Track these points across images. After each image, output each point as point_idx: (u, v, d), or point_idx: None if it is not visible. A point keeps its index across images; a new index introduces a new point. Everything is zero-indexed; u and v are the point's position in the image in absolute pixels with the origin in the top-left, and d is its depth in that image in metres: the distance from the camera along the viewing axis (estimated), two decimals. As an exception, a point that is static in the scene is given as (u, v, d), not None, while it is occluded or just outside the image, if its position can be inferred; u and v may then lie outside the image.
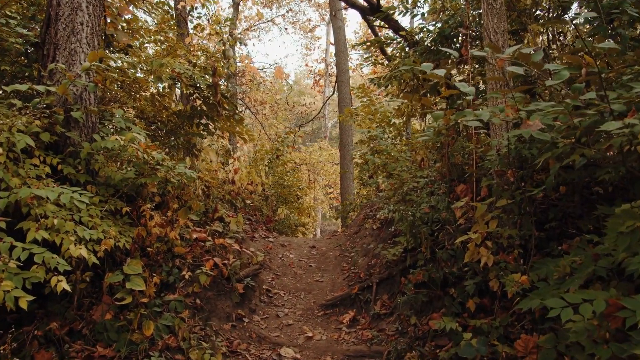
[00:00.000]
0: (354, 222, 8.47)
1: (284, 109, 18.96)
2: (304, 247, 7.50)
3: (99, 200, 4.80)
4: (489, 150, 4.76)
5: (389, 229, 6.42)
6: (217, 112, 6.54)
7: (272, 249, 7.19)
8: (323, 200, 21.75)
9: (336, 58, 15.43)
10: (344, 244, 7.38)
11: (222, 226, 5.92)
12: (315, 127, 31.38)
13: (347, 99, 14.71)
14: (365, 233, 7.16)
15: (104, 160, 5.01)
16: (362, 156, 10.47)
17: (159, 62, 6.14)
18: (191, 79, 6.38)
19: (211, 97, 6.57)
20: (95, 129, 5.44)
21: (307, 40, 26.80)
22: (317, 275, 6.41)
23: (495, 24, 5.11)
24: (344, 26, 15.48)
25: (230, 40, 7.09)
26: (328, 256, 7.02)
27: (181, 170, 4.99)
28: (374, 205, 8.63)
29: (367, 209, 8.78)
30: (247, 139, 7.26)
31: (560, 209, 4.32)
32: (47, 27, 5.49)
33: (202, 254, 5.24)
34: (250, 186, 9.59)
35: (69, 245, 3.99)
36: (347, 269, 6.41)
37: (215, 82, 6.28)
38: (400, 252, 5.22)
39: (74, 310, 4.51)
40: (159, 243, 4.87)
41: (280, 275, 6.36)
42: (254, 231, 7.74)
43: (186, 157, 7.35)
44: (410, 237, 5.01)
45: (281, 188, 11.01)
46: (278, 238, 7.96)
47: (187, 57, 7.09)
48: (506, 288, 4.08)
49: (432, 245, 4.98)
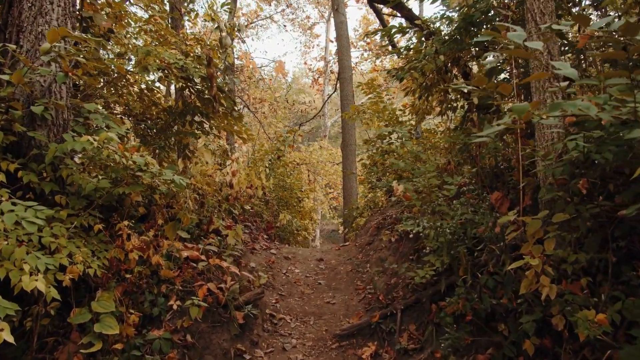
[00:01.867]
0: (365, 231, 7.52)
1: (283, 107, 17.95)
2: (310, 260, 6.55)
3: (68, 214, 3.83)
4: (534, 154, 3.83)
5: (409, 242, 5.48)
6: (212, 108, 5.56)
7: (275, 263, 6.23)
8: (323, 200, 20.80)
9: (338, 54, 14.47)
10: (356, 257, 6.43)
11: (218, 241, 4.95)
12: (314, 126, 30.41)
13: (350, 97, 13.76)
14: (379, 245, 6.21)
15: (75, 165, 4.03)
16: (370, 157, 9.53)
17: (145, 50, 5.15)
18: (183, 70, 5.41)
19: (206, 91, 5.60)
20: (67, 128, 4.47)
21: (306, 37, 25.77)
22: (328, 295, 5.46)
23: (542, 3, 4.18)
24: (346, 21, 14.51)
25: (227, 27, 6.12)
26: (338, 271, 6.08)
27: (168, 177, 4.02)
28: (386, 212, 7.69)
29: (378, 215, 7.83)
30: (247, 139, 6.29)
31: (627, 224, 3.39)
32: (10, 7, 4.50)
33: (194, 277, 4.27)
34: (250, 190, 8.62)
35: (22, 277, 3.04)
36: (362, 288, 5.47)
37: (210, 73, 5.31)
38: (432, 274, 4.27)
39: (33, 353, 3.54)
40: (141, 266, 3.90)
41: (285, 295, 5.40)
42: (254, 241, 6.78)
43: (179, 159, 6.38)
44: (447, 257, 4.07)
45: (282, 191, 10.04)
46: (281, 249, 7.00)
47: (180, 46, 6.10)
48: (577, 330, 3.15)
49: (471, 268, 4.04)
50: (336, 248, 7.19)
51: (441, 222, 4.23)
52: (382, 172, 9.37)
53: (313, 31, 25.63)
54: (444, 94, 6.85)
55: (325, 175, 19.63)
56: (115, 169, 3.99)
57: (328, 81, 24.64)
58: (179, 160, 6.32)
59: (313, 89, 26.98)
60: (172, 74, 5.40)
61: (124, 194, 4.10)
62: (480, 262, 4.18)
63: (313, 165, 18.28)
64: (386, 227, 6.62)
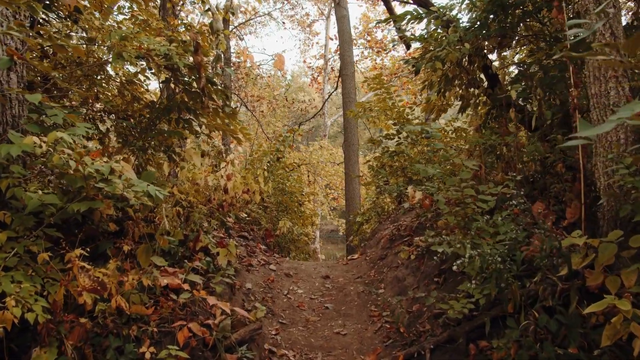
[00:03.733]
0: (375, 241, 6.61)
1: (282, 105, 16.97)
2: (315, 278, 5.63)
3: (8, 237, 2.91)
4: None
5: (432, 260, 4.57)
6: (201, 103, 4.63)
7: (274, 281, 5.31)
8: (323, 202, 19.88)
9: (340, 50, 13.54)
10: (367, 274, 5.52)
11: (206, 263, 4.03)
12: (313, 126, 29.43)
13: (352, 94, 12.85)
14: (394, 261, 5.31)
15: (23, 173, 3.12)
16: (377, 158, 8.61)
17: (119, 34, 4.22)
18: (166, 58, 4.48)
19: (194, 84, 4.67)
20: (16, 126, 3.55)
21: (305, 35, 24.77)
22: (337, 323, 4.54)
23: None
24: (348, 15, 13.59)
25: (219, 11, 5.20)
26: (348, 292, 5.16)
27: (140, 189, 3.10)
28: (398, 220, 6.77)
29: (389, 223, 6.92)
30: (242, 140, 5.37)
31: None
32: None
33: (175, 313, 3.35)
34: (247, 195, 7.69)
35: None
36: (377, 315, 4.55)
37: (197, 61, 4.37)
38: (471, 307, 3.37)
39: None
40: (104, 304, 2.97)
41: (287, 324, 4.49)
42: (250, 256, 5.85)
43: (166, 162, 5.46)
44: (494, 289, 3.15)
45: (282, 195, 9.11)
46: (281, 263, 6.08)
47: (165, 32, 5.17)
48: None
49: (524, 302, 3.14)
50: (343, 262, 6.27)
51: (483, 243, 3.31)
52: (390, 174, 8.47)
53: (312, 29, 24.66)
54: (465, 88, 5.94)
55: (326, 176, 18.71)
56: (72, 179, 3.07)
57: (328, 80, 23.69)
58: (165, 164, 5.40)
59: (312, 87, 26.03)
60: (152, 63, 4.47)
61: (93, 209, 3.19)
62: (532, 292, 3.27)
63: (313, 166, 17.36)
64: (401, 239, 5.70)
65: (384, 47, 21.84)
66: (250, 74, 13.81)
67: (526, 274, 3.33)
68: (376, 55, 22.08)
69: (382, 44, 21.76)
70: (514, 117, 4.31)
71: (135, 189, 3.12)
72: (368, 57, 22.79)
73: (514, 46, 6.18)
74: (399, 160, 8.24)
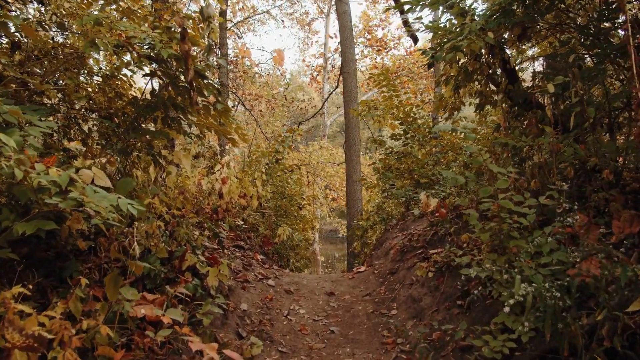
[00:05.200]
0: (383, 252, 5.97)
1: (281, 104, 16.30)
2: (318, 295, 4.99)
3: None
4: None
5: (454, 278, 3.95)
6: (189, 98, 3.99)
7: (273, 300, 4.67)
8: (322, 202, 19.25)
9: (341, 47, 12.89)
10: (376, 291, 4.88)
11: (193, 287, 3.39)
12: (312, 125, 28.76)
13: (354, 92, 12.22)
14: (408, 277, 4.68)
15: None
16: (382, 159, 7.98)
17: (93, 19, 3.57)
18: (150, 47, 3.83)
19: (181, 77, 4.02)
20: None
21: (304, 33, 24.08)
22: (345, 351, 3.90)
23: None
24: (349, 11, 12.95)
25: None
26: (356, 312, 4.52)
27: (107, 203, 2.46)
28: (408, 228, 6.14)
29: (397, 231, 6.29)
30: (237, 141, 4.71)
31: None
32: None
33: (152, 355, 2.71)
34: (243, 199, 7.04)
35: None
36: (390, 342, 3.91)
37: (185, 50, 3.72)
38: (513, 345, 2.73)
39: None
40: (59, 349, 2.32)
41: (288, 353, 3.85)
42: (246, 269, 5.21)
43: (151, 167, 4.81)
44: (548, 330, 2.52)
45: (281, 199, 8.47)
46: (281, 277, 5.43)
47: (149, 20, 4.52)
48: None
49: (586, 344, 2.50)
50: (349, 276, 5.63)
51: (523, 265, 2.68)
52: (397, 176, 7.84)
53: (312, 27, 24.00)
54: (484, 84, 5.31)
55: (325, 176, 18.07)
56: (22, 191, 2.42)
57: (327, 79, 23.04)
58: (151, 168, 4.75)
59: (312, 87, 25.39)
60: (133, 52, 3.83)
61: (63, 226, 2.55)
62: (587, 328, 2.65)
63: (313, 167, 16.72)
64: (413, 251, 5.07)
65: (384, 45, 21.21)
66: (248, 72, 13.13)
67: (578, 304, 2.71)
68: (376, 54, 21.45)
69: (382, 43, 21.13)
70: (550, 114, 3.69)
71: (102, 203, 2.48)
72: (368, 55, 22.17)
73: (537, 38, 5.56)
74: (406, 162, 7.62)
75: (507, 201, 2.95)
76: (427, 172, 7.44)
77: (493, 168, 3.03)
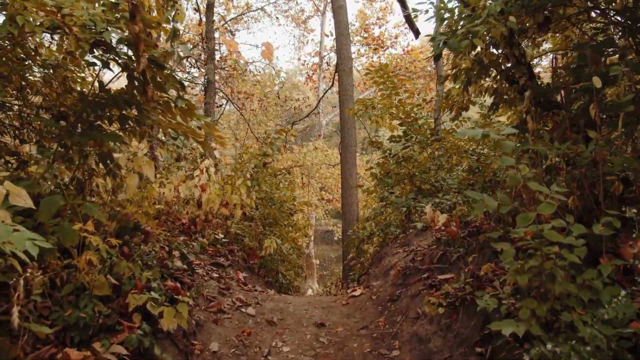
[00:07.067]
0: (382, 271, 5.15)
1: (274, 103, 15.43)
2: (305, 325, 4.16)
3: None
4: None
5: (471, 317, 3.14)
6: (144, 93, 3.16)
7: (252, 334, 3.85)
8: (317, 205, 18.43)
9: (337, 44, 12.05)
10: (375, 323, 4.06)
11: (136, 339, 2.56)
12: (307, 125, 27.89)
13: (350, 91, 11.40)
14: (412, 307, 3.87)
15: None
16: (381, 164, 7.16)
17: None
18: (90, 30, 2.99)
19: (132, 67, 3.19)
20: None
21: (300, 31, 23.20)
22: (336, 408, 3.08)
23: None
24: (345, 6, 12.14)
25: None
26: (350, 351, 3.70)
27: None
28: (410, 243, 5.33)
29: (398, 246, 5.47)
30: (210, 145, 3.88)
31: None
32: None
33: None
34: (225, 209, 6.20)
35: None
36: (393, 396, 3.10)
37: (134, 32, 2.89)
38: None
39: None
40: None
41: (264, 411, 3.02)
42: (223, 294, 4.38)
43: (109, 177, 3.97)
44: None
45: (270, 205, 7.63)
46: (263, 303, 4.60)
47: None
48: None
49: None
50: (342, 302, 4.80)
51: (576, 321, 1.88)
52: (396, 182, 7.03)
53: (307, 25, 23.14)
54: (500, 80, 4.50)
55: (320, 178, 17.24)
56: None
57: (323, 78, 22.20)
58: (108, 178, 3.91)
59: (307, 86, 24.54)
60: (71, 36, 2.99)
61: None
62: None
63: (307, 168, 15.88)
64: (418, 274, 4.26)
65: (381, 44, 20.40)
66: (238, 69, 12.25)
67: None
68: (373, 53, 20.64)
69: (379, 41, 20.33)
70: (595, 115, 2.86)
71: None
72: (364, 54, 21.36)
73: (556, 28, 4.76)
74: (407, 166, 6.81)
75: (554, 232, 2.14)
76: (429, 178, 6.64)
77: (532, 186, 2.21)
